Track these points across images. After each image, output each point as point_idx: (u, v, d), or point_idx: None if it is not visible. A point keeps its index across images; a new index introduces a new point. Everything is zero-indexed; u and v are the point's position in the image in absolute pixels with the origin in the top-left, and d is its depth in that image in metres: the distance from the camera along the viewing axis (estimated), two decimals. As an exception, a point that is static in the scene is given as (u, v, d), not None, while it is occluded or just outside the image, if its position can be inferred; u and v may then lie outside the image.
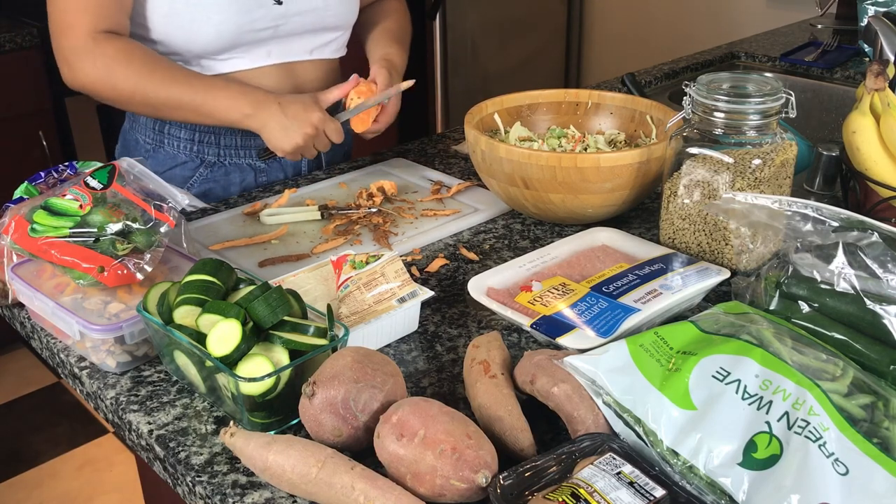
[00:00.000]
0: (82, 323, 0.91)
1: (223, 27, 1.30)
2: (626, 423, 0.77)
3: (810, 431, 0.70)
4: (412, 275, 1.12)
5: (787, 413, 0.72)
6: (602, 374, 0.80)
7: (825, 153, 1.35)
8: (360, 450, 0.80)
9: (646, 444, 0.75)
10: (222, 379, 0.82)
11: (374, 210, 1.28)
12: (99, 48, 1.25)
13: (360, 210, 1.29)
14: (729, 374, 0.76)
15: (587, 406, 0.79)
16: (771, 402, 0.73)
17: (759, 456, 0.70)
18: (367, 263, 0.97)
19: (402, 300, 0.96)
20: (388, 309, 0.95)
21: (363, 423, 0.77)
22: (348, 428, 0.77)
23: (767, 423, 0.72)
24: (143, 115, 1.39)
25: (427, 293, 0.98)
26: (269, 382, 0.80)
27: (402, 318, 0.98)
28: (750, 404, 0.73)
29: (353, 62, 1.53)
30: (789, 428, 0.71)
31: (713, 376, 0.76)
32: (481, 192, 1.36)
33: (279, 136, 1.29)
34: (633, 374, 0.79)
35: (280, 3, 1.34)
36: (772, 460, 0.70)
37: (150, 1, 1.29)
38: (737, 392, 0.74)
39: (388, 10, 1.58)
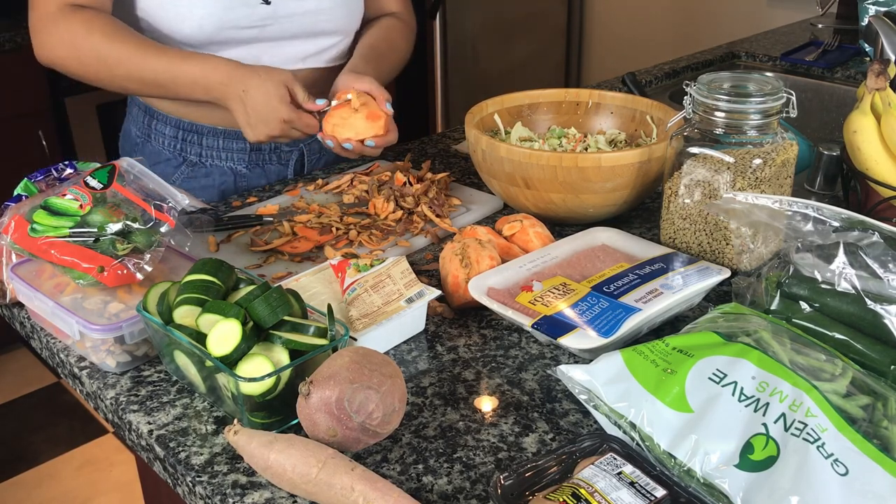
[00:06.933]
0: (82, 323, 0.91)
1: (205, 21, 1.27)
2: (623, 430, 0.77)
3: (808, 433, 0.70)
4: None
5: (783, 415, 0.72)
6: (597, 382, 0.80)
7: (826, 153, 1.35)
8: (357, 450, 0.80)
9: (643, 449, 0.75)
10: (222, 379, 0.82)
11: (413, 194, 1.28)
12: (65, 20, 1.22)
13: (412, 191, 1.27)
14: (725, 376, 0.76)
15: None
16: (767, 403, 0.73)
17: (755, 458, 0.70)
18: (372, 266, 0.97)
19: (409, 300, 0.97)
20: (398, 310, 0.95)
21: (358, 424, 0.77)
22: (343, 428, 0.76)
23: (764, 424, 0.72)
24: (117, 90, 1.33)
25: (434, 292, 0.98)
26: (269, 382, 0.79)
27: (411, 319, 0.98)
28: (746, 406, 0.73)
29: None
30: (786, 430, 0.71)
31: (710, 378, 0.76)
32: (473, 192, 1.36)
33: (244, 129, 1.25)
34: (627, 381, 0.79)
35: (268, 3, 1.30)
36: (769, 462, 0.70)
37: None
38: (733, 394, 0.74)
39: (384, 26, 1.46)
